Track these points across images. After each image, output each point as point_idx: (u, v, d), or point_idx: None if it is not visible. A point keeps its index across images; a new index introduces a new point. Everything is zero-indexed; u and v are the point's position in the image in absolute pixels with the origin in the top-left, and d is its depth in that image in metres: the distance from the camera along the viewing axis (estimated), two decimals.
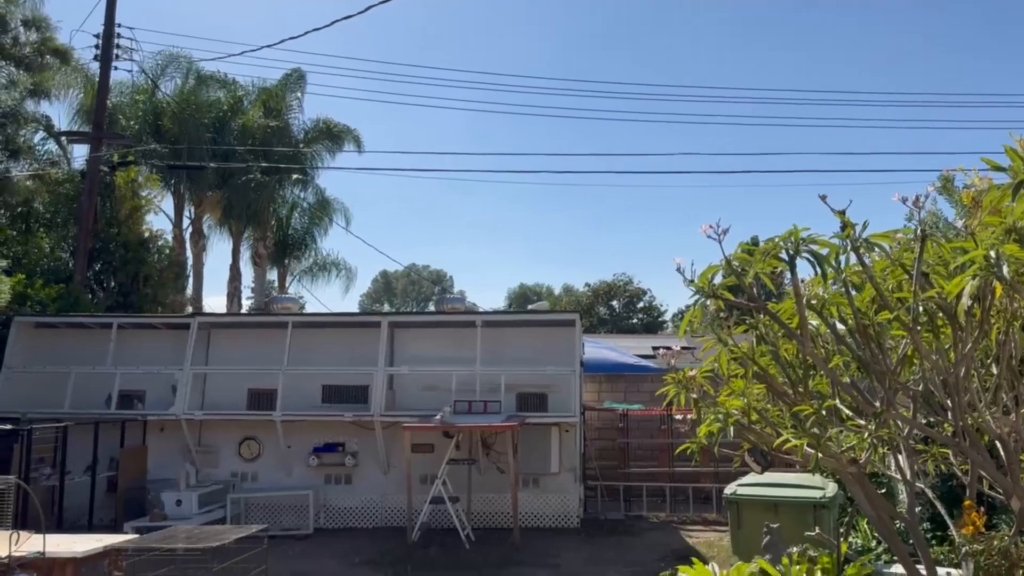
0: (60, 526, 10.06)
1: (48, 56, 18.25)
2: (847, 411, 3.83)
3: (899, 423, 3.66)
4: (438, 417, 10.71)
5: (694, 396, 4.11)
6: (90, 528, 10.18)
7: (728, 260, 3.48)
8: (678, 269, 3.58)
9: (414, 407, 11.73)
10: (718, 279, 3.66)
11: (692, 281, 3.58)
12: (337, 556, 9.74)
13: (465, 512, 10.98)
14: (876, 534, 7.80)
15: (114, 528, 9.79)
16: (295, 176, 24.37)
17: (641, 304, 47.27)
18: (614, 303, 46.89)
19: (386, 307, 73.18)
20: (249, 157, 22.49)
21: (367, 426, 11.67)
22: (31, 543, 5.19)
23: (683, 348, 4.65)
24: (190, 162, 21.41)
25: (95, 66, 18.44)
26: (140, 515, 10.79)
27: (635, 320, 46.95)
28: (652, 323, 46.08)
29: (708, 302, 3.66)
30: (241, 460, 12.02)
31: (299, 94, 24.58)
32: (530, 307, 15.06)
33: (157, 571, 5.47)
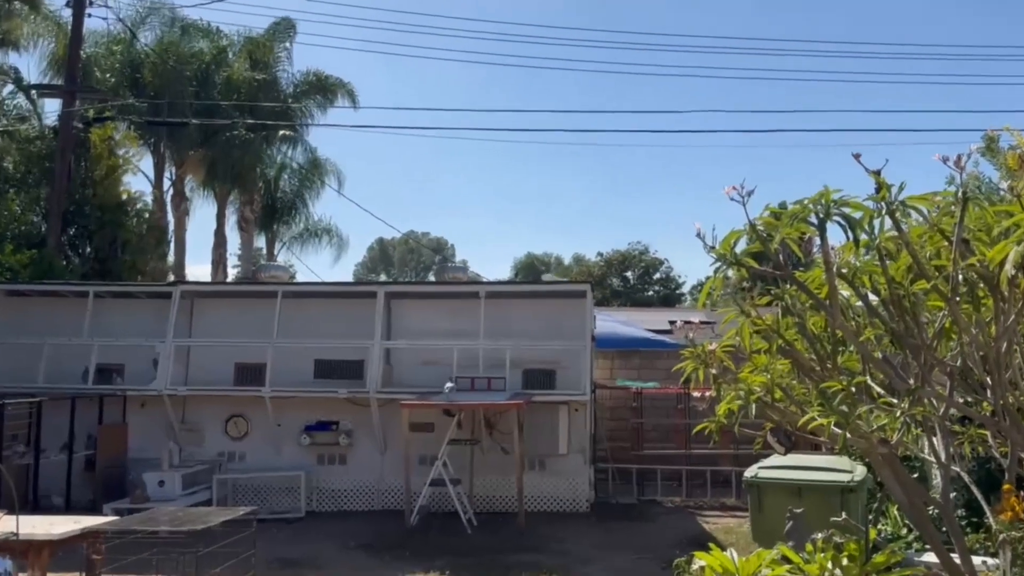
0: (36, 507, 10.19)
1: (16, 2, 18.11)
2: (878, 388, 3.83)
3: (934, 401, 3.66)
4: (444, 393, 10.81)
5: (713, 372, 4.11)
6: (67, 510, 10.30)
7: (752, 224, 3.45)
8: (698, 234, 3.55)
9: (413, 383, 11.82)
10: (741, 245, 3.64)
11: (713, 247, 3.56)
12: (331, 540, 9.85)
13: (467, 495, 11.08)
14: (907, 520, 7.84)
15: (93, 510, 9.88)
16: (284, 133, 24.29)
17: (657, 275, 47.23)
18: (628, 274, 46.84)
19: (382, 277, 73.37)
20: (234, 113, 22.40)
21: (362, 403, 11.74)
22: (4, 524, 5.24)
23: (702, 322, 4.66)
24: (171, 118, 21.34)
25: (68, 13, 18.33)
26: (120, 496, 10.92)
27: (651, 292, 46.91)
28: (669, 295, 46.06)
29: (730, 271, 3.64)
30: (228, 439, 12.12)
31: (288, 44, 24.45)
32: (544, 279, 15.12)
33: (139, 555, 5.53)
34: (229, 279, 24.59)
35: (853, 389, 3.71)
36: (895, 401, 3.63)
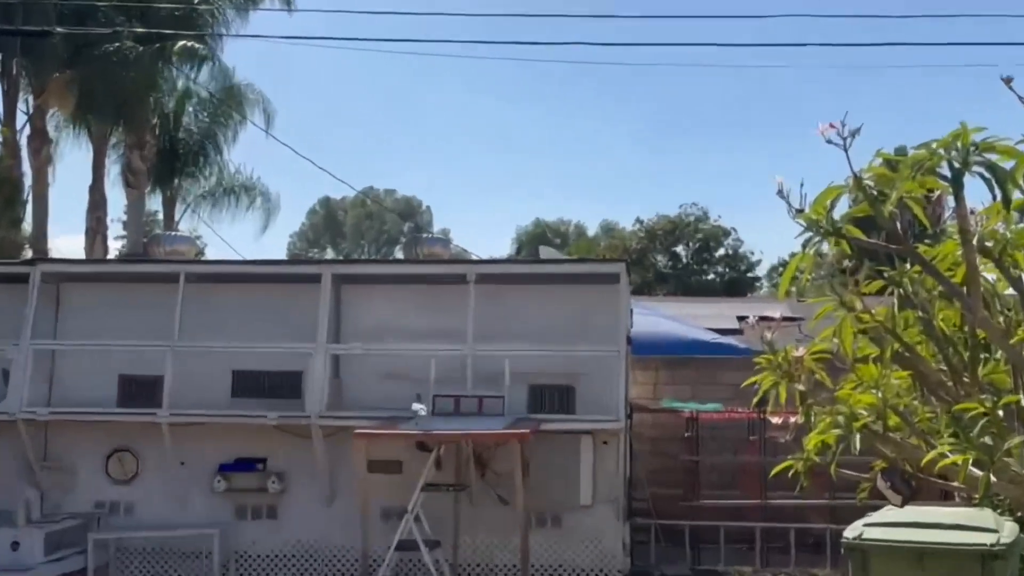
0: None
1: None
2: None
3: None
4: (416, 418, 10.84)
5: (801, 388, 4.12)
6: None
7: (858, 177, 3.45)
8: (780, 192, 3.55)
9: (372, 404, 11.83)
10: (842, 208, 3.64)
11: (801, 211, 3.56)
12: None
13: (449, 563, 11.08)
14: None
15: None
16: (186, 45, 24.13)
17: (722, 251, 47.21)
18: (680, 249, 46.82)
19: (329, 253, 73.35)
20: (117, 18, 22.36)
21: (300, 433, 11.76)
22: None
23: (785, 318, 4.65)
24: (26, 26, 21.27)
25: None
26: None
27: (712, 276, 46.86)
28: (738, 280, 46.09)
29: (825, 244, 3.64)
30: (110, 482, 12.15)
31: None
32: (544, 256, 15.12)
33: None
34: (111, 255, 24.62)
35: (1000, 413, 3.70)
36: None
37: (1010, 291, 3.79)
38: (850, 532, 8.34)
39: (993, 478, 3.56)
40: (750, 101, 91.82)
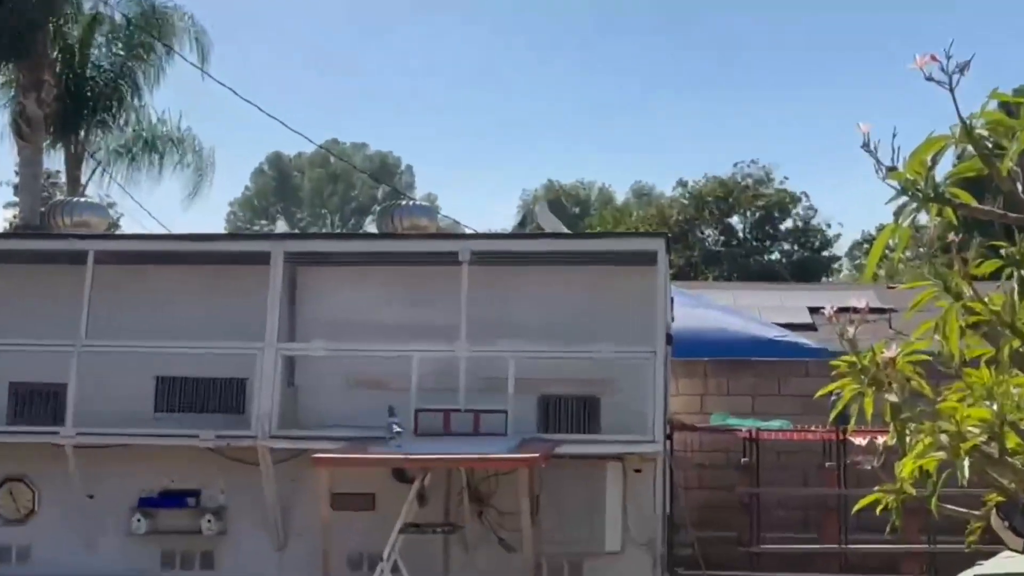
0: None
1: None
2: None
3: None
4: (393, 437, 10.90)
5: (892, 399, 4.11)
6: None
7: (967, 126, 3.44)
8: (865, 144, 3.54)
9: (336, 421, 12.04)
10: (944, 167, 3.63)
11: (893, 169, 3.55)
12: None
13: None
14: None
15: None
16: None
17: (789, 224, 47.24)
18: (734, 220, 46.90)
19: (281, 226, 73.23)
20: None
21: (245, 457, 11.85)
22: None
23: (871, 309, 4.65)
24: None
25: None
26: None
27: (776, 255, 46.94)
28: (810, 261, 46.14)
29: (923, 212, 3.64)
30: None
31: None
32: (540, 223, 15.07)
33: None
34: None
35: None
36: None
37: None
38: None
39: None
40: (825, 32, 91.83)
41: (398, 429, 11.06)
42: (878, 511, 4.44)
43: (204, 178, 28.78)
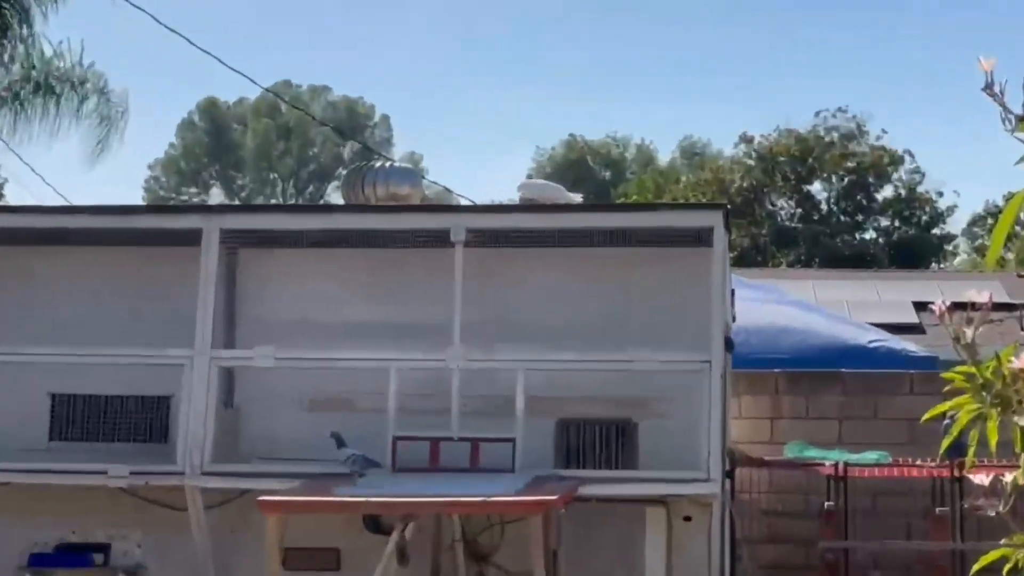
0: None
1: None
2: None
3: None
4: (362, 476, 10.88)
5: (1023, 424, 4.10)
6: None
7: None
8: (987, 86, 3.53)
9: (289, 452, 11.96)
10: None
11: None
12: None
13: None
14: None
15: None
16: None
17: (889, 192, 47.18)
18: (815, 188, 46.86)
19: (217, 195, 73.34)
20: None
21: (169, 501, 11.80)
22: None
23: (996, 304, 4.65)
24: None
25: None
26: None
27: (871, 233, 46.92)
28: (916, 242, 46.09)
29: None
30: None
31: None
32: (524, 186, 14.91)
33: None
34: None
35: None
36: None
37: None
38: None
39: None
40: None
41: (348, 458, 11.04)
42: (1005, 572, 4.43)
43: (113, 130, 28.72)
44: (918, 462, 13.10)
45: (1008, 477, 4.37)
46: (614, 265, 12.52)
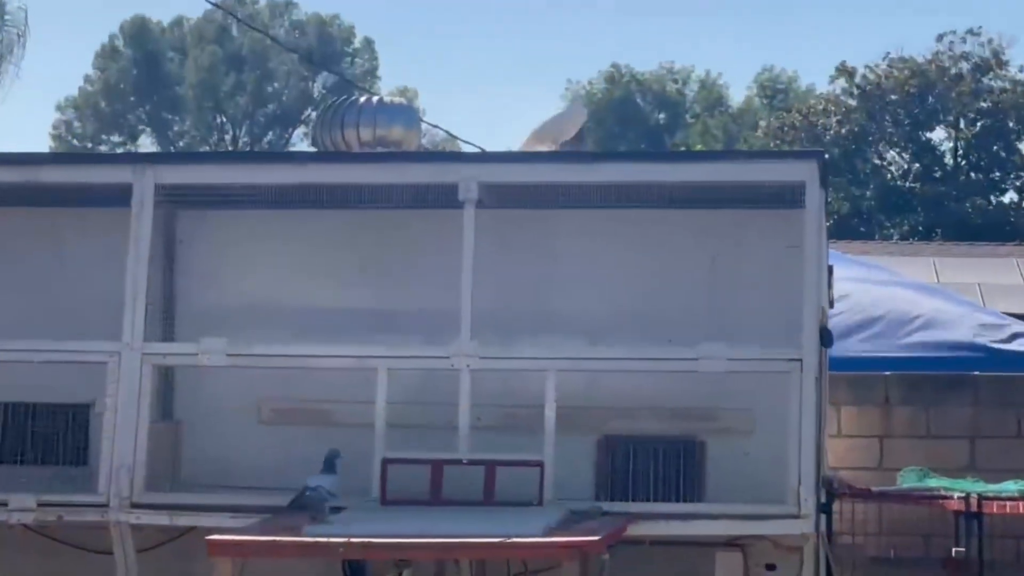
0: None
1: None
2: None
3: None
4: (334, 513, 10.82)
5: None
6: None
7: None
8: None
9: (245, 478, 11.90)
10: None
11: None
12: None
13: None
14: None
15: None
16: None
17: None
18: (937, 134, 46.87)
19: (147, 144, 73.60)
20: None
21: (89, 542, 11.77)
22: None
23: None
24: None
25: None
26: None
27: (1008, 195, 46.82)
28: None
29: None
30: None
31: None
32: (540, 131, 14.79)
33: None
34: None
35: None
36: None
37: None
38: None
39: None
40: None
41: (315, 484, 10.93)
42: None
43: (5, 59, 28.92)
44: None
45: None
46: (673, 235, 12.48)
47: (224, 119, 73.63)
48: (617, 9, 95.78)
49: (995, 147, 46.04)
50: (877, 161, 44.64)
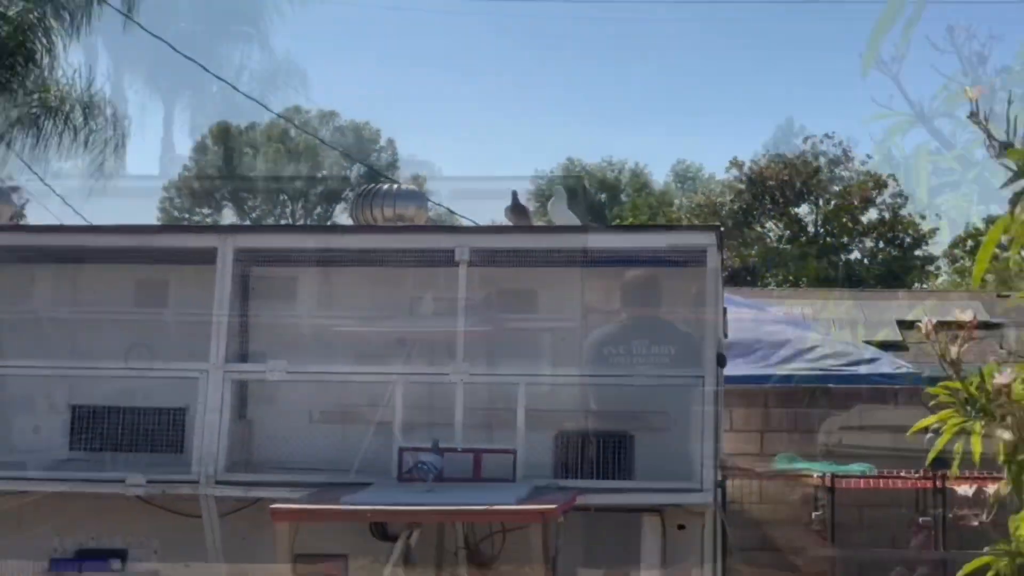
0: None
1: None
2: None
3: None
4: (367, 485, 11.00)
5: (1006, 436, 4.13)
6: None
7: None
8: (972, 113, 3.56)
9: (299, 462, 11.87)
10: None
11: (1009, 146, 3.57)
12: None
13: None
14: None
15: None
16: None
17: (874, 215, 46.99)
18: (803, 210, 46.80)
19: (229, 216, 73.40)
20: None
21: (184, 508, 11.70)
22: None
23: (980, 323, 4.68)
24: None
25: None
26: None
27: (856, 254, 46.71)
28: (900, 263, 45.98)
29: None
30: None
31: None
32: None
33: None
34: None
35: None
36: None
37: None
38: None
39: None
40: None
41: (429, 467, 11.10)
42: None
43: (118, 150, 28.59)
44: (903, 473, 13.10)
45: (990, 488, 4.40)
46: (611, 285, 12.49)
47: (285, 197, 73.78)
48: (568, 113, 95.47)
49: (844, 219, 45.95)
50: (760, 229, 44.59)
